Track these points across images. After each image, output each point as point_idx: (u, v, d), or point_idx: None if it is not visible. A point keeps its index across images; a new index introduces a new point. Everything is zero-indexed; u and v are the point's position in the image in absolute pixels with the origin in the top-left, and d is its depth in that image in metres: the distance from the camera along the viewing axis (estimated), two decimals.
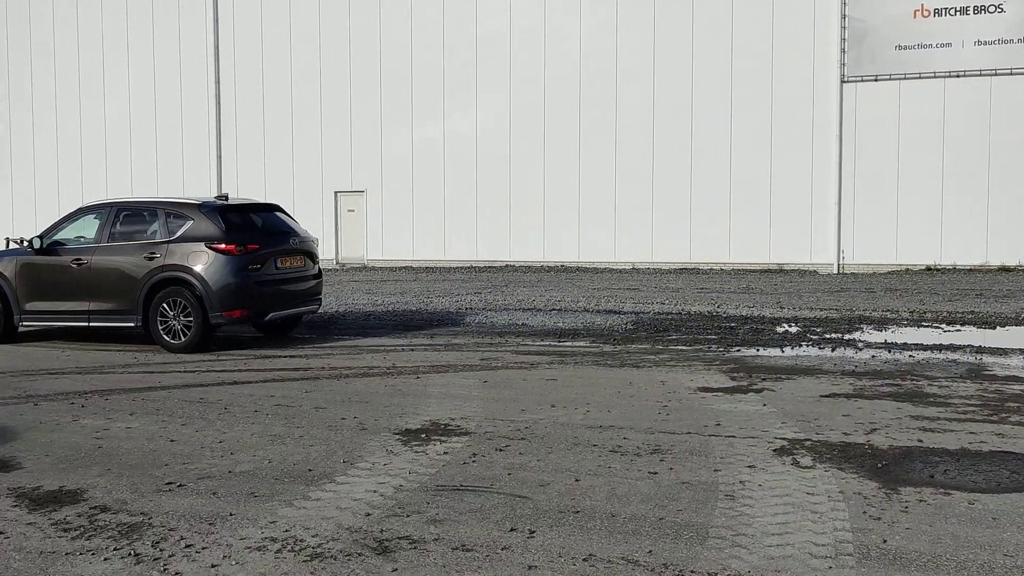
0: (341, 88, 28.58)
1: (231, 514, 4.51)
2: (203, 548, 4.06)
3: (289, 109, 29.29)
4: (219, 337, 11.14)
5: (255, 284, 10.48)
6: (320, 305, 12.32)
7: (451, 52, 27.34)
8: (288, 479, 5.12)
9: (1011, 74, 22.45)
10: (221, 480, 5.11)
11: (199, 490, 4.93)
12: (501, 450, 5.70)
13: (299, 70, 29.04)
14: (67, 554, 4.01)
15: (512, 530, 4.25)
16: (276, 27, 29.21)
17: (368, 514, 4.49)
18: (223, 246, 10.28)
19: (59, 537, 4.22)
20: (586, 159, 26.03)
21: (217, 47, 29.98)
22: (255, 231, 11.00)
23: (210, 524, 4.37)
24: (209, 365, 9.36)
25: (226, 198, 11.33)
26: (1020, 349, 9.89)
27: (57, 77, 31.98)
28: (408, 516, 4.45)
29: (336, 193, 29.03)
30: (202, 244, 10.32)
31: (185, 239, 10.43)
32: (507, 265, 26.76)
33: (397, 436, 6.10)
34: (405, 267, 27.68)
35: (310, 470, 5.30)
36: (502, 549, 4.02)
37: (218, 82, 30.10)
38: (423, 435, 6.11)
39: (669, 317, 13.24)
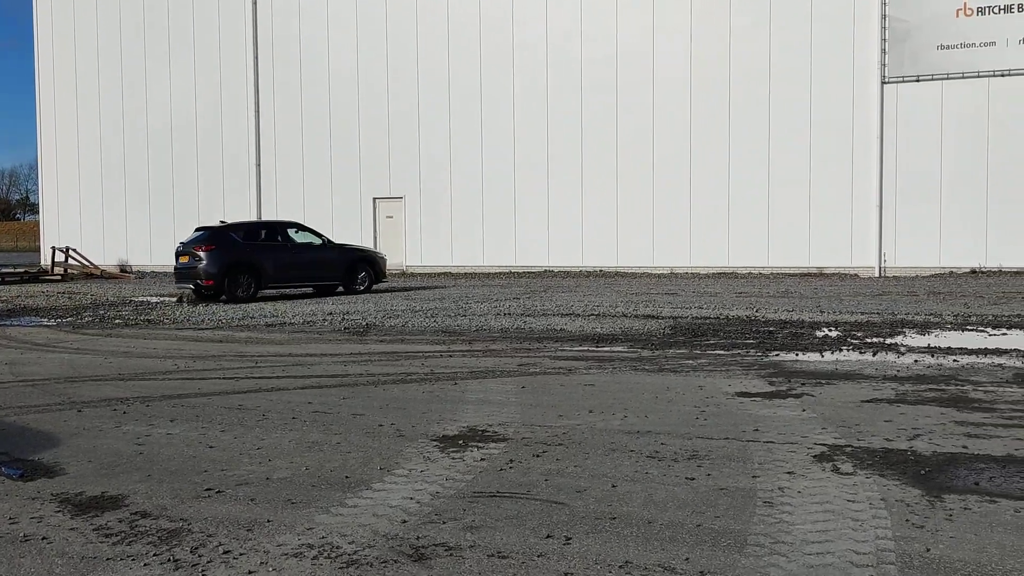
0: (379, 92, 28.76)
1: (268, 520, 4.55)
2: (241, 554, 4.09)
3: (327, 115, 29.53)
4: (254, 352, 11.23)
5: None
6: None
7: (488, 56, 27.39)
8: (325, 486, 5.15)
9: None
10: (259, 486, 5.15)
11: (237, 496, 4.97)
12: (538, 456, 5.69)
13: (337, 75, 29.28)
14: (108, 559, 4.07)
15: (548, 537, 4.24)
16: (314, 34, 29.50)
17: (404, 521, 4.50)
18: None
19: (100, 543, 4.28)
20: (623, 164, 25.94)
21: (256, 56, 30.33)
22: None
23: (248, 530, 4.41)
24: (248, 372, 9.46)
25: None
26: None
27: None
28: (444, 523, 4.45)
29: (375, 200, 29.23)
30: None
31: None
32: (545, 270, 26.75)
33: (434, 442, 6.11)
34: (444, 273, 27.78)
35: (347, 477, 5.32)
36: (538, 556, 4.00)
37: (257, 90, 30.45)
38: (460, 441, 6.12)
39: (707, 322, 13.13)
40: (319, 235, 21.02)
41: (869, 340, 10.99)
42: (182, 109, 31.54)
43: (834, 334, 11.67)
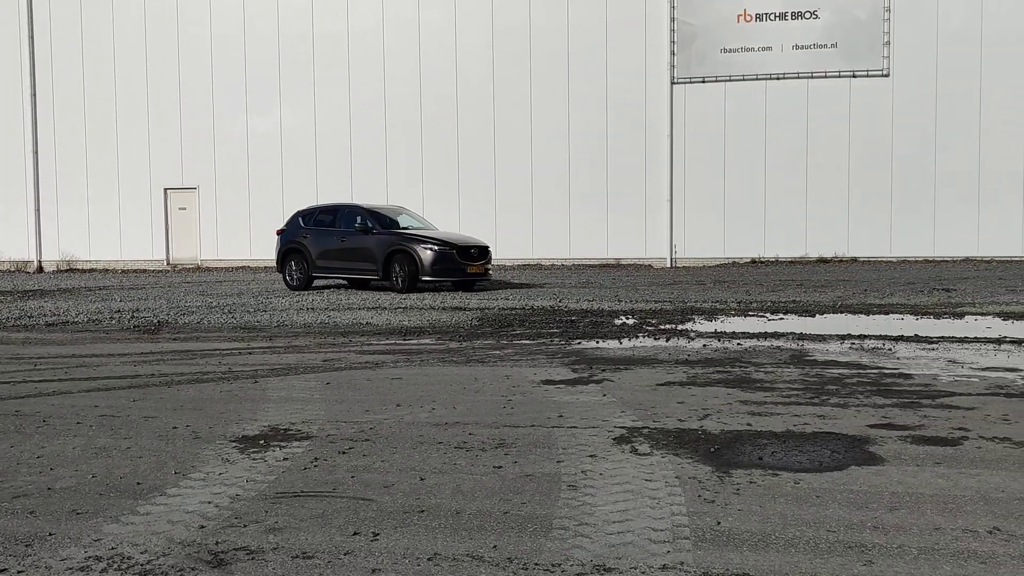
0: (170, 80, 27.34)
1: (50, 534, 4.20)
2: (19, 572, 3.76)
3: (113, 102, 27.78)
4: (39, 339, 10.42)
5: None
6: None
7: (287, 46, 26.64)
8: (114, 494, 4.82)
9: (825, 77, 23.95)
10: (39, 498, 4.76)
11: (14, 510, 4.57)
12: (344, 453, 5.58)
13: (124, 61, 27.58)
14: None
15: (355, 534, 4.16)
16: (96, 15, 27.64)
17: (202, 526, 4.28)
18: None
19: None
20: (428, 157, 25.94)
21: (32, 35, 28.08)
22: None
23: (27, 546, 4.06)
24: (26, 375, 8.74)
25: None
26: (838, 335, 10.54)
27: None
28: (245, 526, 4.28)
29: (166, 190, 27.79)
30: None
31: None
32: None
33: (234, 444, 5.86)
34: (243, 267, 26.79)
35: (139, 483, 5.01)
36: (345, 554, 3.92)
37: (33, 74, 28.20)
38: (261, 441, 5.90)
39: (513, 312, 13.37)
40: (421, 221, 19.32)
41: (663, 327, 11.56)
42: None
43: (631, 322, 12.19)
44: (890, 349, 9.50)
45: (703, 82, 24.41)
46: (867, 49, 23.72)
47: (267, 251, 26.86)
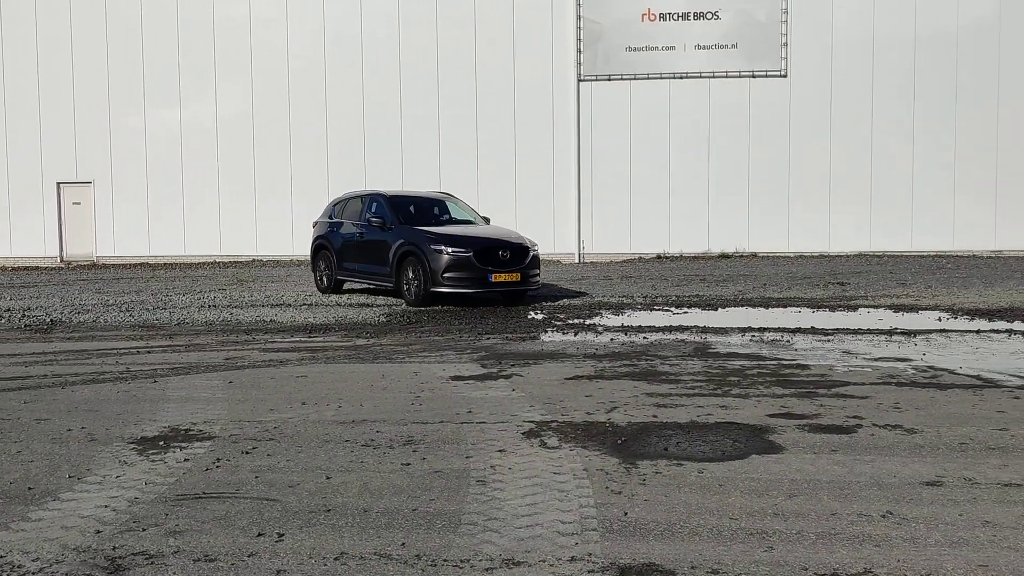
0: (63, 71, 26.29)
1: None
2: None
3: (1, 92, 26.58)
4: None
5: None
6: None
7: (187, 36, 25.90)
8: (3, 500, 4.61)
9: (726, 77, 24.52)
10: None
11: None
12: (248, 453, 5.45)
13: (13, 51, 26.40)
14: None
15: (260, 535, 4.07)
16: None
17: (98, 531, 4.13)
18: None
19: None
20: (334, 150, 25.60)
21: None
22: None
23: None
24: None
25: None
26: (739, 328, 10.82)
27: None
28: (144, 530, 4.14)
29: (59, 184, 26.72)
30: None
31: None
32: (254, 259, 25.82)
33: (132, 445, 5.67)
34: (141, 264, 25.98)
35: (30, 488, 4.80)
36: (248, 556, 3.83)
37: None
38: (161, 442, 5.72)
39: (421, 309, 13.30)
40: (467, 212, 15.85)
41: (571, 321, 11.67)
42: None
43: (540, 316, 12.27)
44: (788, 341, 9.80)
45: (609, 80, 24.71)
46: (766, 50, 24.39)
47: (168, 247, 26.09)
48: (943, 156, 24.19)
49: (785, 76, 24.38)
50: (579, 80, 24.72)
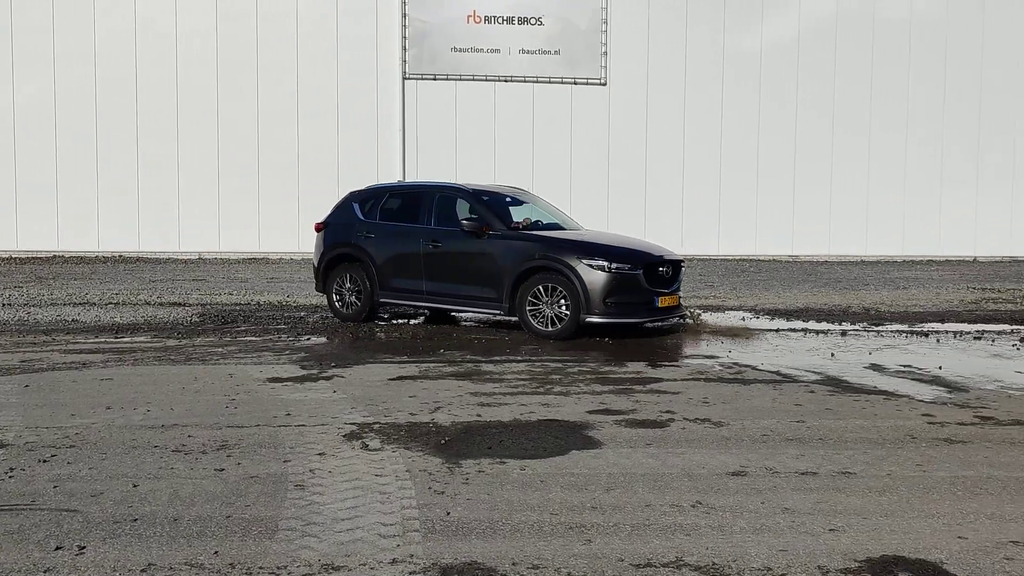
0: None
1: None
2: None
3: None
4: None
5: None
6: None
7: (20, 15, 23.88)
8: None
9: (549, 82, 25.07)
10: None
11: None
12: (45, 461, 5.08)
13: None
14: None
15: (58, 548, 3.80)
16: None
17: None
18: None
19: None
20: (185, 143, 24.33)
21: None
22: None
23: None
24: None
25: None
26: None
27: None
28: None
29: None
30: None
31: None
32: (54, 256, 24.14)
33: None
34: None
35: None
36: (45, 571, 3.56)
37: None
38: None
39: (238, 308, 12.84)
40: (554, 215, 12.51)
41: (395, 322, 11.56)
42: None
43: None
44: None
45: (435, 80, 24.72)
46: (587, 58, 25.09)
47: None
48: (746, 173, 25.71)
49: (604, 84, 25.17)
50: (404, 78, 24.60)
